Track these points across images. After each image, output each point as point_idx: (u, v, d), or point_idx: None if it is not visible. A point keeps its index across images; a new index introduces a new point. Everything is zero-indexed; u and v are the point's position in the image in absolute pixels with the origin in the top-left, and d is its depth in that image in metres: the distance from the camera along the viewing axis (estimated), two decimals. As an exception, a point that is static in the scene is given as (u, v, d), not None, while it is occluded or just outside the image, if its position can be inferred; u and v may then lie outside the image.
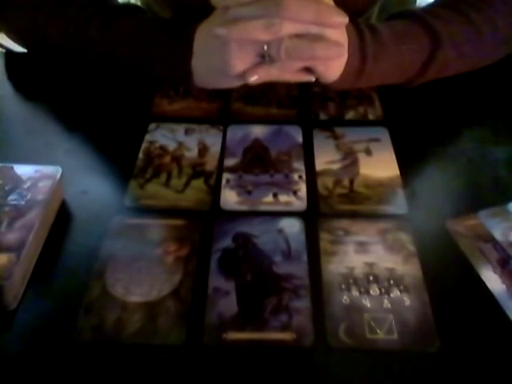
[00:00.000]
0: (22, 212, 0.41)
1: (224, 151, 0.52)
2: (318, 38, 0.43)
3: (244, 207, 0.46)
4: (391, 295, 0.39)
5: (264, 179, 0.49)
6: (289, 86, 0.48)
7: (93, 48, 0.53)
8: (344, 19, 0.42)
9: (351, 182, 0.48)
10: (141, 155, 0.51)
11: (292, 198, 0.47)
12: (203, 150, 0.52)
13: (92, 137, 0.54)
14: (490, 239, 0.42)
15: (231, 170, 0.50)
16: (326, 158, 0.51)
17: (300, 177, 0.49)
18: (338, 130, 0.54)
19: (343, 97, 0.59)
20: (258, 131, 0.54)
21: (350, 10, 0.66)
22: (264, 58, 0.43)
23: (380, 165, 0.50)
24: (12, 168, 0.45)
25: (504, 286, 0.39)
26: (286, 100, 0.58)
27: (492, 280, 0.39)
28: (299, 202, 0.46)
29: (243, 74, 0.45)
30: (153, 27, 0.51)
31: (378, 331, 0.37)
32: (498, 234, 0.41)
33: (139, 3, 0.79)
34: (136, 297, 0.39)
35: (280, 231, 0.44)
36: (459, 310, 0.38)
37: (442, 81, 0.52)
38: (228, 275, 0.40)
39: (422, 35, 0.50)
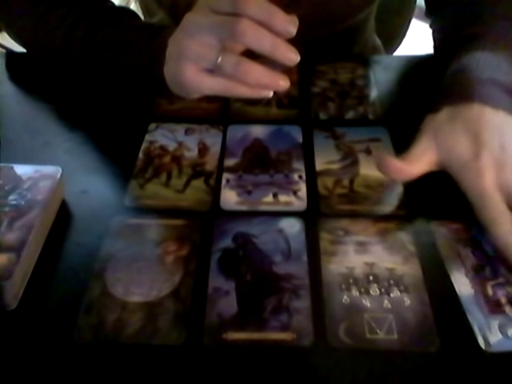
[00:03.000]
0: (22, 212, 0.41)
1: (224, 151, 0.52)
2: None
3: (244, 207, 0.46)
4: (391, 295, 0.39)
5: (264, 179, 0.49)
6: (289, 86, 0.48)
7: (78, 50, 0.55)
8: (296, 57, 0.40)
9: (351, 182, 0.48)
10: (141, 155, 0.51)
11: (292, 198, 0.47)
12: (203, 149, 0.52)
13: (92, 137, 0.54)
14: (470, 245, 0.42)
15: (231, 169, 0.50)
16: (326, 158, 0.51)
17: (300, 177, 0.49)
18: (338, 130, 0.54)
19: (343, 97, 0.59)
20: (258, 131, 0.54)
21: (348, 7, 0.66)
22: (217, 69, 0.41)
23: (380, 165, 0.50)
24: (12, 168, 0.45)
25: (472, 291, 0.39)
26: (285, 100, 0.58)
27: (461, 283, 0.39)
28: (299, 202, 0.46)
29: (194, 84, 0.43)
30: (135, 34, 0.52)
31: (378, 331, 0.37)
32: (488, 247, 0.42)
33: (133, 4, 0.80)
34: (136, 297, 0.39)
35: (280, 231, 0.44)
36: (459, 310, 0.38)
37: (442, 81, 0.52)
38: (228, 275, 0.40)
39: None
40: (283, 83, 0.41)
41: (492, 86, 0.45)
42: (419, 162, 0.44)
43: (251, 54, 0.41)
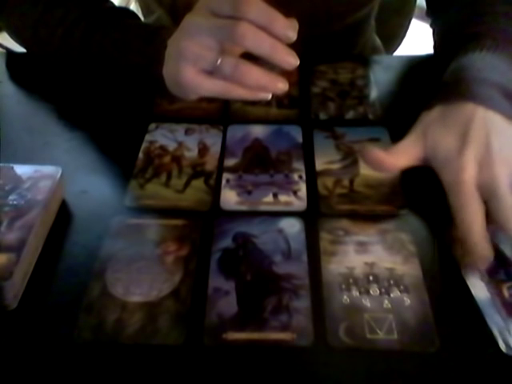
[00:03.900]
0: (22, 212, 0.41)
1: (224, 151, 0.52)
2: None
3: (244, 207, 0.46)
4: (391, 295, 0.39)
5: (264, 179, 0.49)
6: (289, 86, 0.48)
7: (77, 49, 0.55)
8: (295, 61, 0.40)
9: (351, 182, 0.48)
10: (141, 155, 0.51)
11: (292, 198, 0.47)
12: (203, 149, 0.52)
13: (92, 137, 0.54)
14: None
15: (231, 169, 0.50)
16: (326, 158, 0.51)
17: (300, 177, 0.49)
18: (338, 130, 0.54)
19: (343, 97, 0.59)
20: (258, 131, 0.54)
21: (347, 5, 0.66)
22: (216, 71, 0.41)
23: (380, 165, 0.50)
24: (12, 168, 0.45)
25: (489, 294, 0.39)
26: (286, 100, 0.58)
27: (477, 287, 0.39)
28: (299, 202, 0.46)
29: (192, 85, 0.43)
30: (134, 34, 0.52)
31: (378, 331, 0.37)
32: (508, 250, 0.41)
33: (133, 4, 0.80)
34: (136, 297, 0.39)
35: (280, 231, 0.44)
36: (459, 310, 0.38)
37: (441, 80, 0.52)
38: (228, 275, 0.40)
39: None
40: (282, 85, 0.41)
41: (488, 87, 0.45)
42: (404, 155, 0.44)
43: (250, 57, 0.41)
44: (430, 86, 0.52)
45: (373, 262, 0.41)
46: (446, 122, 0.44)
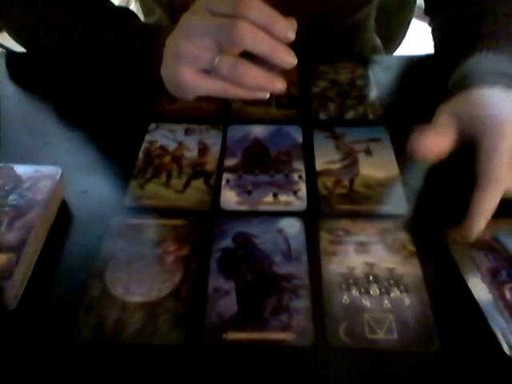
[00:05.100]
0: (22, 212, 0.41)
1: (224, 151, 0.52)
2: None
3: (244, 207, 0.46)
4: (391, 295, 0.39)
5: (264, 179, 0.49)
6: (289, 86, 0.48)
7: (75, 50, 0.55)
8: (294, 60, 0.40)
9: (351, 181, 0.48)
10: (141, 155, 0.51)
11: (292, 198, 0.47)
12: (203, 149, 0.52)
13: (92, 137, 0.54)
14: (483, 248, 0.41)
15: (231, 169, 0.50)
16: (326, 157, 0.51)
17: (300, 177, 0.49)
18: (338, 130, 0.54)
19: (343, 97, 0.59)
20: (258, 131, 0.54)
21: (346, 6, 0.66)
22: (214, 70, 0.41)
23: (380, 165, 0.50)
24: (12, 168, 0.45)
25: (491, 296, 0.39)
26: (285, 100, 0.58)
27: (479, 289, 0.39)
28: (299, 202, 0.46)
29: (190, 85, 0.43)
30: (132, 34, 0.52)
31: (378, 331, 0.37)
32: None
33: (133, 5, 0.80)
34: (136, 297, 0.39)
35: (280, 231, 0.44)
36: (459, 310, 0.38)
37: (442, 81, 0.52)
38: (228, 275, 0.40)
39: None
40: (280, 85, 0.41)
41: (496, 76, 0.45)
42: (447, 135, 0.43)
43: (248, 56, 0.41)
44: (430, 85, 0.52)
45: (373, 262, 0.41)
46: (470, 104, 0.44)
